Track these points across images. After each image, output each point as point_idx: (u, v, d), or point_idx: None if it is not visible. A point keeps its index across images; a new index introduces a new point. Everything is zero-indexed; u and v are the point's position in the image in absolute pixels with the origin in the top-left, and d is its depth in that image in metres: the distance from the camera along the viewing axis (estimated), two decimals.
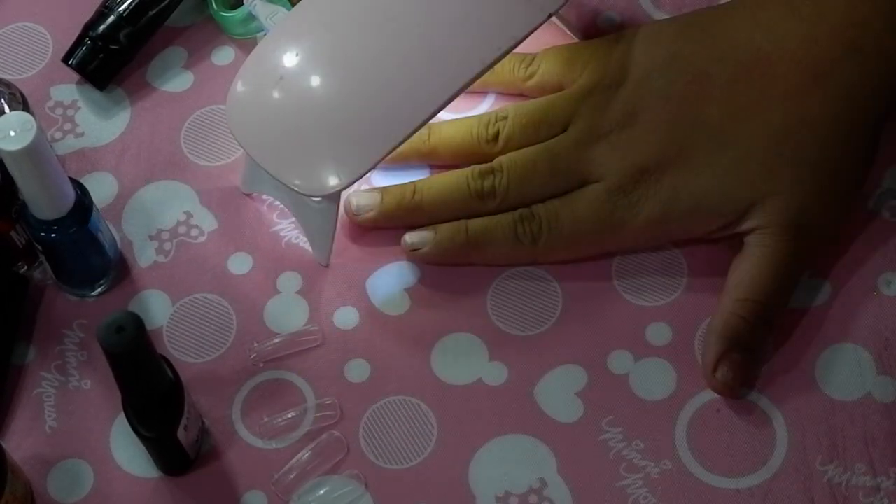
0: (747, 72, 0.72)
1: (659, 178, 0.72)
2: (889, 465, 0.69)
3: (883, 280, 0.74)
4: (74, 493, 0.71)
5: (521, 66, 0.78)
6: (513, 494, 0.70)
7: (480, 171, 0.75)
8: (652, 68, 0.74)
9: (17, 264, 0.76)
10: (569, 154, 0.74)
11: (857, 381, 0.71)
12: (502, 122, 0.76)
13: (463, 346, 0.74)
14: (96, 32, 0.81)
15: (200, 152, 0.80)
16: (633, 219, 0.73)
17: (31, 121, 0.65)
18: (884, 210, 0.76)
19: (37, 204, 0.70)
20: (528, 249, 0.74)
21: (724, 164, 0.72)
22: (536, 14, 0.73)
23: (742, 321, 0.71)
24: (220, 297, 0.75)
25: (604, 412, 0.72)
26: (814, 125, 0.71)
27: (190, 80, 0.82)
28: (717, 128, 0.72)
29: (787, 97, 0.72)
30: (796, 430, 0.71)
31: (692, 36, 0.74)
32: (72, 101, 0.82)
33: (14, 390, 0.73)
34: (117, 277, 0.76)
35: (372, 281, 0.76)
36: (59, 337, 0.75)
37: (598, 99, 0.74)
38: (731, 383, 0.70)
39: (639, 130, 0.73)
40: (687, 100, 0.73)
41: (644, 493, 0.69)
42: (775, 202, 0.71)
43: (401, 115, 0.71)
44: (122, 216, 0.78)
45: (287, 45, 0.73)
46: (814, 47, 0.72)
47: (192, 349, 0.74)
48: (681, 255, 0.75)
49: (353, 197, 0.76)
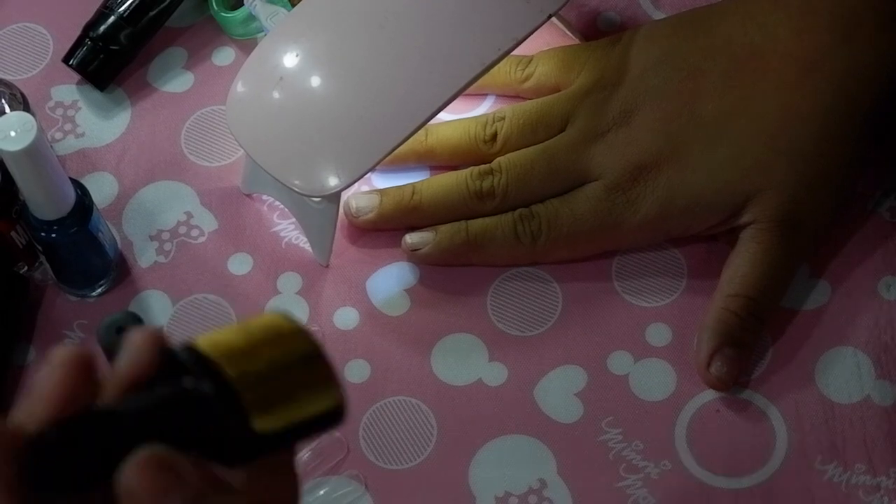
0: (741, 67, 0.73)
1: (656, 176, 0.72)
2: (889, 466, 0.69)
3: (883, 284, 0.74)
4: None
5: (517, 67, 0.78)
6: (512, 495, 0.70)
7: (479, 172, 0.75)
8: (647, 67, 0.74)
9: (18, 264, 0.75)
10: (567, 154, 0.74)
11: (857, 383, 0.71)
12: (500, 123, 0.76)
13: (463, 347, 0.74)
14: (97, 33, 0.81)
15: (201, 153, 0.80)
16: (632, 217, 0.73)
17: (31, 121, 0.65)
18: (884, 210, 0.76)
19: (37, 204, 0.70)
20: (528, 249, 0.74)
21: (720, 160, 0.72)
22: (536, 15, 0.73)
23: (734, 316, 0.71)
24: (221, 298, 0.75)
25: (603, 413, 0.72)
26: (806, 118, 0.72)
27: (190, 80, 0.82)
28: (712, 124, 0.72)
29: (780, 90, 0.72)
30: (796, 431, 0.71)
31: (686, 33, 0.75)
32: (72, 102, 0.82)
33: (14, 390, 0.73)
34: (117, 278, 0.76)
35: (372, 281, 0.76)
36: (60, 337, 0.75)
37: (596, 99, 0.74)
38: (725, 377, 0.71)
39: (635, 129, 0.73)
40: (682, 97, 0.73)
41: (644, 494, 0.69)
42: (770, 197, 0.71)
43: (401, 116, 0.71)
44: (123, 216, 0.78)
45: (287, 46, 0.73)
46: (804, 39, 0.72)
47: None
48: (680, 255, 0.75)
49: (353, 199, 0.76)
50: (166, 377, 0.45)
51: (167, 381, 0.44)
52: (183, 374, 0.44)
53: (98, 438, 0.42)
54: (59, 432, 0.42)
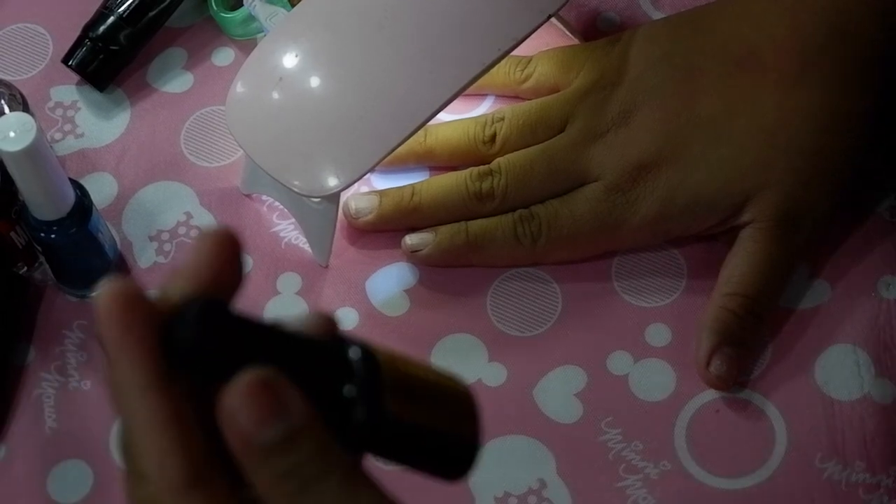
0: (738, 65, 0.73)
1: (656, 176, 0.72)
2: (889, 464, 0.69)
3: (882, 283, 0.74)
4: (74, 493, 0.71)
5: (516, 68, 0.78)
6: (512, 495, 0.70)
7: (479, 173, 0.75)
8: (646, 67, 0.74)
9: (17, 265, 0.76)
10: (566, 154, 0.74)
11: (857, 381, 0.71)
12: (499, 124, 0.76)
13: (462, 347, 0.74)
14: (96, 33, 0.81)
15: (200, 153, 0.80)
16: (632, 217, 0.73)
17: (30, 121, 0.65)
18: (883, 209, 0.76)
19: (37, 204, 0.70)
20: (528, 250, 0.74)
21: (719, 160, 0.72)
22: (536, 15, 0.73)
23: (732, 315, 0.71)
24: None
25: (603, 413, 0.72)
26: (805, 115, 0.72)
27: (190, 80, 0.82)
28: (711, 123, 0.72)
29: (778, 87, 0.72)
30: (795, 430, 0.71)
31: (684, 33, 0.75)
32: (72, 102, 0.82)
33: (14, 391, 0.73)
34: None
35: (371, 282, 0.76)
36: (59, 337, 0.75)
37: (595, 99, 0.74)
38: (724, 376, 0.71)
39: (634, 129, 0.73)
40: (680, 96, 0.73)
41: (643, 494, 0.69)
42: (769, 195, 0.71)
43: (401, 116, 0.71)
44: (122, 217, 0.78)
45: (287, 46, 0.73)
46: (800, 35, 0.72)
47: None
48: (680, 255, 0.75)
49: (352, 200, 0.76)
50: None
51: (326, 343, 0.44)
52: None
53: (234, 338, 0.41)
54: (200, 313, 0.41)
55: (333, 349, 0.43)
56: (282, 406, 0.41)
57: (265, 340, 0.42)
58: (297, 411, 0.41)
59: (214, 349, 0.41)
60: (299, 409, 0.41)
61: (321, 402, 0.42)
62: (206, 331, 0.41)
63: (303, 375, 0.42)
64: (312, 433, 0.42)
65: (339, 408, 0.43)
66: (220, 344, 0.41)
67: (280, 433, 0.41)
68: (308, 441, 0.42)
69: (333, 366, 0.43)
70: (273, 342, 0.42)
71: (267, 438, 0.41)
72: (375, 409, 0.43)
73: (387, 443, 0.44)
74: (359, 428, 0.43)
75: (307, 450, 0.42)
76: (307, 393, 0.42)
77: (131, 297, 0.42)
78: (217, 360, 0.41)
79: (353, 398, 0.42)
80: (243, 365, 0.41)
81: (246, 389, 0.41)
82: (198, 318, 0.41)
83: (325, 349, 0.43)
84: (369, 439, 0.43)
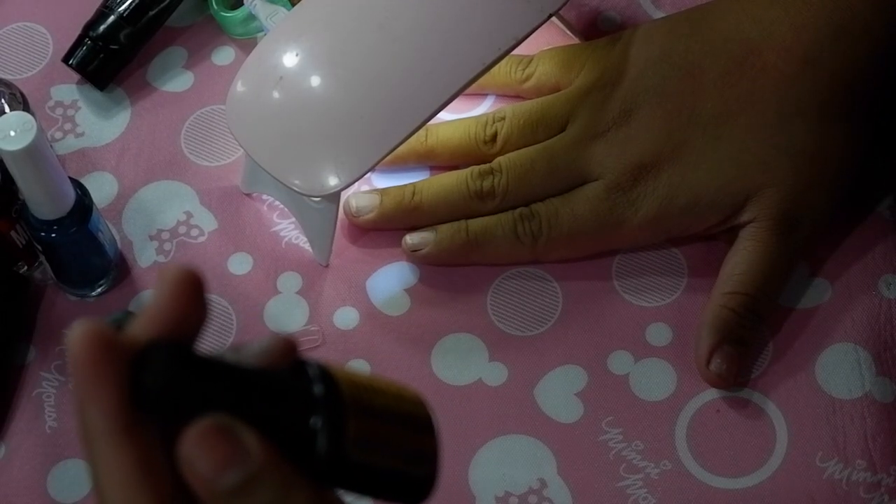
0: (739, 64, 0.73)
1: (657, 175, 0.72)
2: (890, 463, 0.69)
3: (883, 282, 0.74)
4: (74, 493, 0.71)
5: (517, 67, 0.78)
6: (512, 495, 0.70)
7: (480, 172, 0.75)
8: (647, 66, 0.74)
9: (17, 264, 0.76)
10: (567, 153, 0.74)
11: (857, 380, 0.71)
12: (500, 123, 0.76)
13: (463, 347, 0.74)
14: (96, 32, 0.81)
15: (200, 152, 0.80)
16: (633, 216, 0.73)
17: (31, 121, 0.65)
18: (884, 208, 0.76)
19: (37, 204, 0.70)
20: (528, 248, 0.74)
21: (720, 158, 0.72)
22: (536, 14, 0.73)
23: (732, 314, 0.71)
24: (220, 297, 0.75)
25: (604, 413, 0.72)
26: (806, 113, 0.72)
27: (190, 80, 0.82)
28: (712, 122, 0.72)
29: (779, 86, 0.72)
30: (796, 429, 0.71)
31: (685, 32, 0.75)
32: (72, 101, 0.82)
33: (14, 390, 0.73)
34: (117, 277, 0.76)
35: (372, 281, 0.76)
36: (59, 337, 0.75)
37: (596, 98, 0.74)
38: (724, 375, 0.71)
39: (635, 128, 0.73)
40: (681, 95, 0.73)
41: (644, 494, 0.69)
42: (770, 194, 0.71)
43: (401, 115, 0.71)
44: (122, 216, 0.78)
45: (287, 46, 0.73)
46: (801, 33, 0.72)
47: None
48: (680, 255, 0.75)
49: (353, 199, 0.76)
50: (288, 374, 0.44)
51: (286, 374, 0.44)
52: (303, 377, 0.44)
53: (197, 383, 0.42)
54: (165, 360, 0.42)
55: (294, 381, 0.44)
56: (240, 450, 0.42)
57: (228, 382, 0.43)
58: (255, 453, 0.42)
59: (179, 395, 0.42)
60: (257, 451, 0.42)
61: (285, 436, 0.43)
62: (169, 378, 0.42)
63: (266, 412, 0.43)
64: (274, 471, 0.42)
65: (303, 440, 0.43)
66: (185, 390, 0.42)
67: (240, 477, 0.41)
68: (270, 479, 0.42)
69: (295, 398, 0.43)
70: (235, 383, 0.43)
71: (228, 482, 0.41)
72: (339, 438, 0.43)
73: (351, 471, 0.44)
74: (322, 457, 0.43)
75: (270, 487, 0.42)
76: (271, 429, 0.42)
77: (100, 341, 0.42)
78: (182, 404, 0.42)
79: (317, 430, 0.43)
80: (208, 408, 0.42)
81: (202, 437, 0.41)
82: (163, 366, 0.42)
83: (286, 382, 0.44)
84: (335, 468, 0.44)
